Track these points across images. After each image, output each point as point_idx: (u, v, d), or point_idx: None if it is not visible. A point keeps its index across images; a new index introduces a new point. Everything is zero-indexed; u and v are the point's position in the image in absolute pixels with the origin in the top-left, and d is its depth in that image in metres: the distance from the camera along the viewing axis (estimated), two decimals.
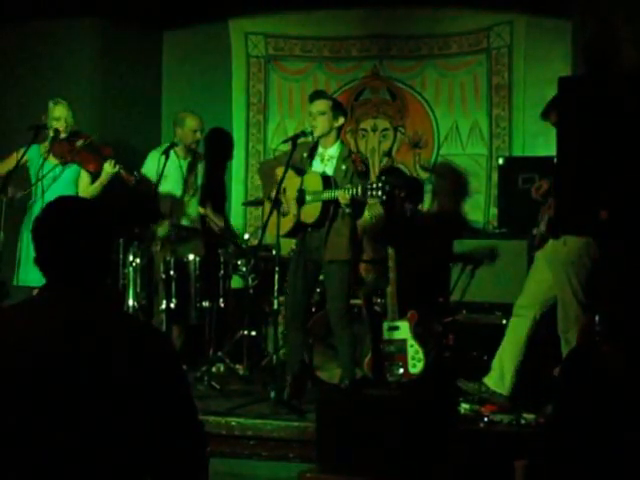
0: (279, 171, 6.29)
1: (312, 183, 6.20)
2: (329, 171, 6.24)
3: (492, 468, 4.88)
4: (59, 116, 6.81)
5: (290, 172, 6.20)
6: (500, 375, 6.03)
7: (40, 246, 2.61)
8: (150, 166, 7.38)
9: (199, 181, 7.58)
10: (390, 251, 6.60)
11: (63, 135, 6.80)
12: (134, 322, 2.75)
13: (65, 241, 2.57)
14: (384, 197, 5.87)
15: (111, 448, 2.44)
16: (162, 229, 7.28)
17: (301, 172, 6.29)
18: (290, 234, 6.37)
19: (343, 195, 5.95)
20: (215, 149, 8.44)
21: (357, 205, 6.08)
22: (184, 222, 7.45)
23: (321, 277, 6.54)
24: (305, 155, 6.31)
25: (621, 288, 5.61)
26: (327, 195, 6.09)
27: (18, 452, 2.43)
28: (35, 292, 2.74)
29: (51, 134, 6.76)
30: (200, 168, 7.60)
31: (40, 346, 2.47)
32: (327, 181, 6.17)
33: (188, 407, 2.60)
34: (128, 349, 2.50)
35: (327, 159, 6.30)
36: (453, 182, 8.11)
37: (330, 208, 6.15)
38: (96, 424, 2.43)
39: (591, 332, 5.67)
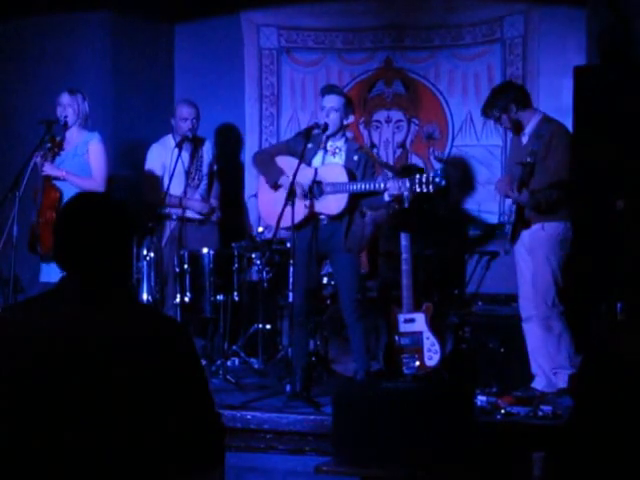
0: (280, 160, 6.28)
1: (332, 174, 6.17)
2: (339, 162, 6.23)
3: (509, 460, 4.86)
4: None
5: (294, 162, 6.15)
6: (546, 377, 6.01)
7: (62, 241, 2.59)
8: (154, 159, 7.36)
9: (204, 170, 7.51)
10: (405, 243, 6.56)
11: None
12: (152, 316, 2.69)
13: (88, 236, 2.56)
14: (435, 190, 5.84)
15: (128, 443, 2.43)
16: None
17: (309, 163, 6.27)
18: (301, 226, 6.32)
19: (396, 189, 5.90)
20: (226, 145, 8.44)
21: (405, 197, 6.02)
22: (189, 214, 7.38)
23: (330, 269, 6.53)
24: (310, 146, 6.28)
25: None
26: (369, 188, 6.04)
27: (32, 451, 2.42)
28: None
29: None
30: (205, 154, 7.54)
31: (56, 342, 2.46)
32: (352, 174, 6.14)
33: (206, 400, 2.59)
34: (144, 344, 2.49)
35: (335, 151, 6.29)
36: (468, 173, 8.09)
37: (357, 200, 6.14)
38: (113, 420, 2.42)
39: (612, 321, 5.65)
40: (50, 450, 2.40)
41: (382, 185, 6.02)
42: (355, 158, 6.21)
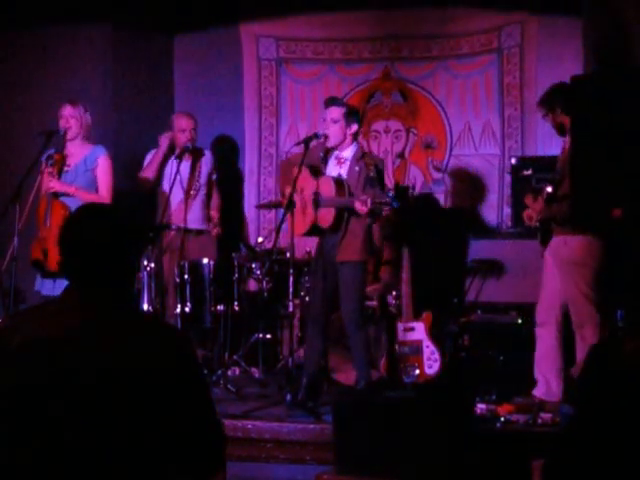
0: (295, 171, 6.31)
1: (326, 188, 6.19)
2: (344, 173, 6.23)
3: (509, 468, 4.87)
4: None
5: (307, 173, 6.21)
6: (546, 384, 5.99)
7: (66, 250, 2.63)
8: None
9: (202, 180, 7.52)
10: (404, 251, 6.58)
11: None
12: (152, 322, 2.75)
13: (91, 247, 2.60)
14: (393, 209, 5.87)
15: (128, 448, 2.45)
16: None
17: (317, 173, 6.29)
18: (307, 234, 6.36)
19: (360, 207, 5.91)
20: (225, 155, 8.45)
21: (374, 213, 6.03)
22: (189, 225, 7.38)
23: None
24: (321, 155, 6.33)
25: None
26: (343, 203, 6.07)
27: (32, 451, 2.44)
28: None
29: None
30: (204, 164, 7.53)
31: (58, 348, 2.48)
32: (340, 186, 6.15)
33: (206, 404, 2.61)
34: (144, 347, 2.52)
35: (342, 161, 6.30)
36: (467, 182, 8.10)
37: (344, 213, 6.14)
38: (114, 424, 2.44)
39: (613, 328, 5.64)
40: (50, 451, 2.42)
41: (351, 203, 6.03)
42: (356, 169, 6.21)
